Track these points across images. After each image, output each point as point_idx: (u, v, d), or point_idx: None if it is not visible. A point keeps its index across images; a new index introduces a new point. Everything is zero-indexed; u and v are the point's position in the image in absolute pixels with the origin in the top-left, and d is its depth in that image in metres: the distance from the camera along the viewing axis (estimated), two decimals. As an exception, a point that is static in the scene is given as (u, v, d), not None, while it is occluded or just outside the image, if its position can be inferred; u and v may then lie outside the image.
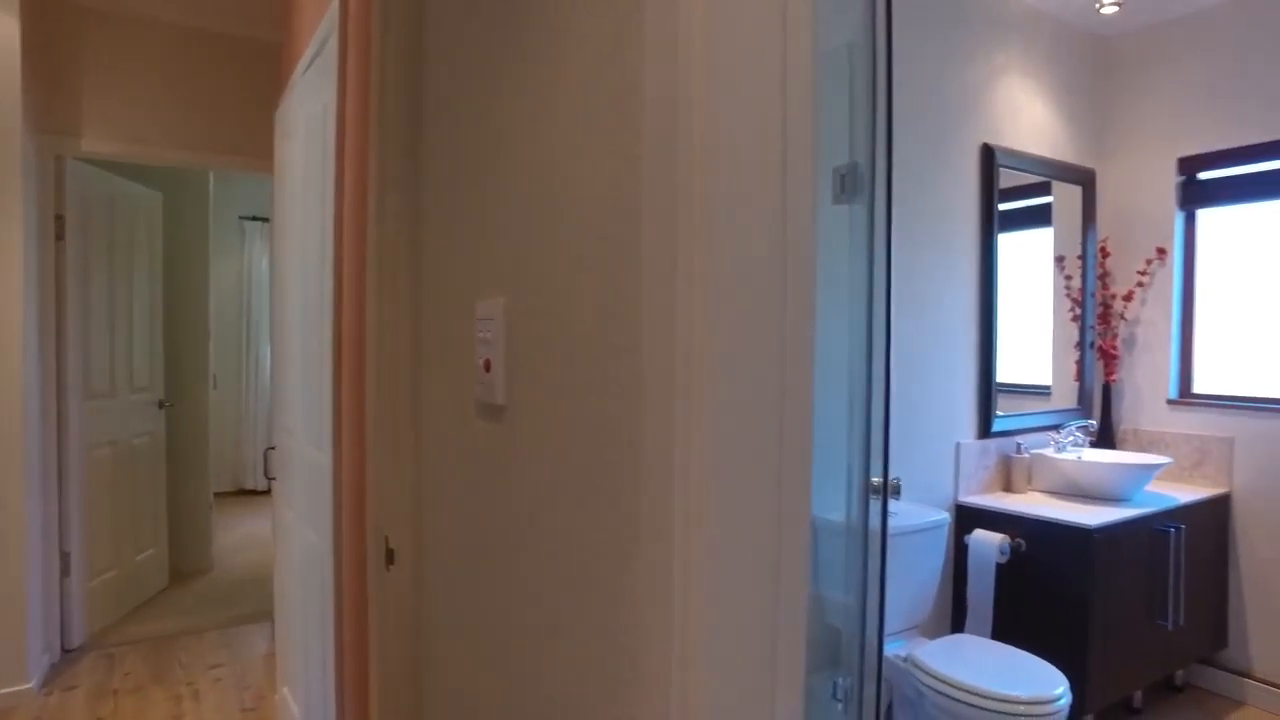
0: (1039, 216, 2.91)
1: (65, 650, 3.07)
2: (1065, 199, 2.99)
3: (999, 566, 2.47)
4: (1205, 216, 2.97)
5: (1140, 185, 3.07)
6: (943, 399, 2.62)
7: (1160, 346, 3.02)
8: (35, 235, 2.80)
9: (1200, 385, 2.97)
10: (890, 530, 2.23)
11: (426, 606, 1.38)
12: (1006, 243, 2.79)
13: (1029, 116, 2.86)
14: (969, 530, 2.56)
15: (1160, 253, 3.01)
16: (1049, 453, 2.78)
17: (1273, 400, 2.74)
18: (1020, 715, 1.86)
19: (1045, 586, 2.41)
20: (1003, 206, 2.76)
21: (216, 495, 5.38)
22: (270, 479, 2.49)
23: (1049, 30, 2.91)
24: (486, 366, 1.05)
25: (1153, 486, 2.85)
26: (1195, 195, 2.96)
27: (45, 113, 2.91)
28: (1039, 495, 2.72)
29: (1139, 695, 2.66)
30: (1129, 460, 2.72)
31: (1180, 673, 2.83)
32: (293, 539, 2.16)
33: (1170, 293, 2.99)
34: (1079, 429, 2.88)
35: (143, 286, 3.62)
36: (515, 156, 1.00)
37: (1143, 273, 3.06)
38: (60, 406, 2.99)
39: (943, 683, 1.96)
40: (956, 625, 2.62)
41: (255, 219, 6.07)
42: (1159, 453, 2.98)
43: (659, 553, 0.67)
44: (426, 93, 1.37)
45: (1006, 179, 2.77)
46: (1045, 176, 2.91)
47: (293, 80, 2.24)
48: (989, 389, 2.73)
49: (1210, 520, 2.74)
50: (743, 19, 0.65)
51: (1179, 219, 2.99)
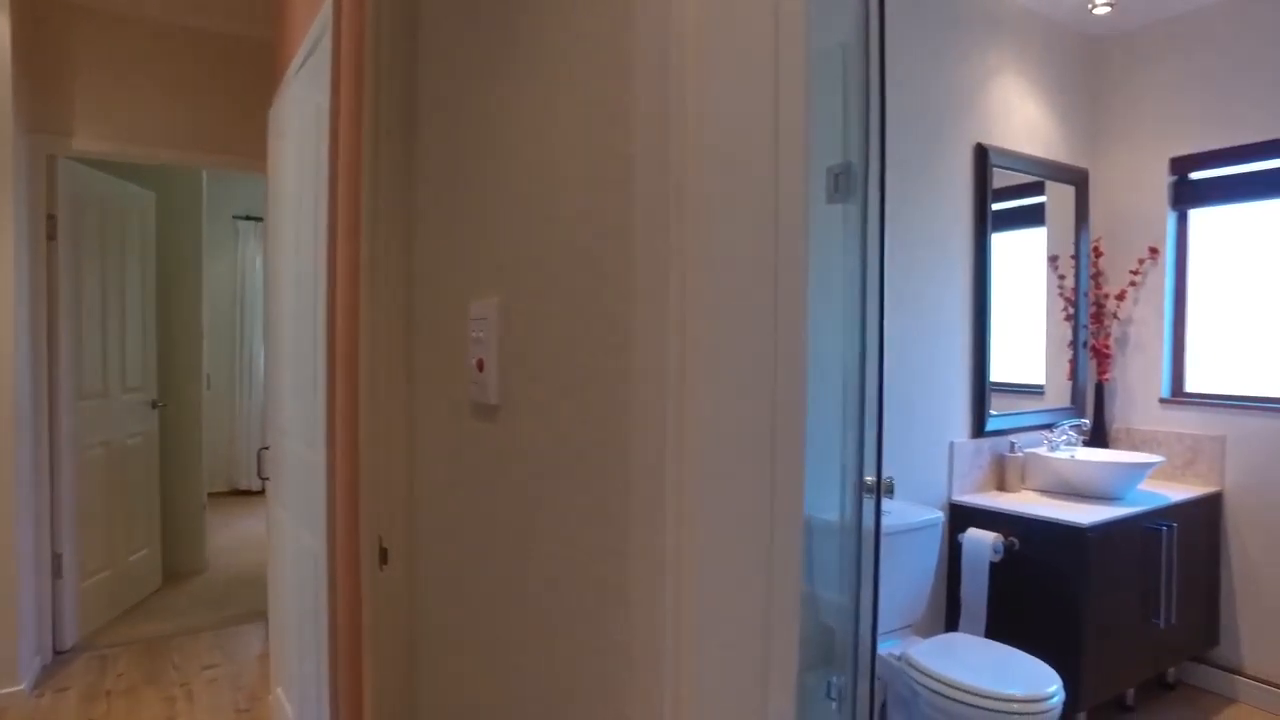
0: (1032, 216, 2.92)
1: (57, 652, 3.06)
2: (1058, 199, 3.00)
3: (992, 565, 2.48)
4: (1197, 216, 2.99)
5: (1133, 185, 3.09)
6: (937, 398, 2.63)
7: (1153, 346, 3.04)
8: (27, 235, 2.79)
9: (1192, 384, 2.99)
10: (884, 529, 2.23)
11: (420, 606, 1.38)
12: (1000, 242, 2.80)
13: (1022, 116, 2.86)
14: (963, 529, 2.57)
15: (1153, 252, 3.02)
16: (1042, 452, 2.79)
17: (1264, 399, 2.76)
18: (1014, 713, 1.87)
19: (1038, 585, 2.42)
20: (996, 206, 2.77)
21: (210, 495, 5.36)
22: (264, 479, 2.48)
23: (1042, 30, 2.92)
24: (480, 366, 1.05)
25: (1145, 485, 2.86)
26: (1187, 195, 2.97)
27: (37, 112, 2.89)
28: (1032, 494, 2.73)
29: (1131, 693, 2.67)
30: (1122, 459, 2.73)
31: (1172, 670, 2.84)
32: (286, 539, 2.15)
33: (1162, 292, 3.00)
34: (1072, 428, 2.89)
35: (135, 286, 3.61)
36: (508, 156, 1.00)
37: (1135, 272, 3.07)
38: (52, 406, 2.98)
39: (936, 681, 1.97)
40: (950, 624, 2.63)
41: (249, 218, 6.05)
42: (1151, 451, 3.00)
43: (651, 552, 0.67)
44: (420, 92, 1.36)
45: (1000, 179, 2.78)
46: (1038, 176, 2.92)
47: (286, 79, 2.23)
48: (983, 388, 2.73)
49: (1202, 519, 2.75)
50: (735, 19, 0.66)
51: (1171, 219, 3.00)
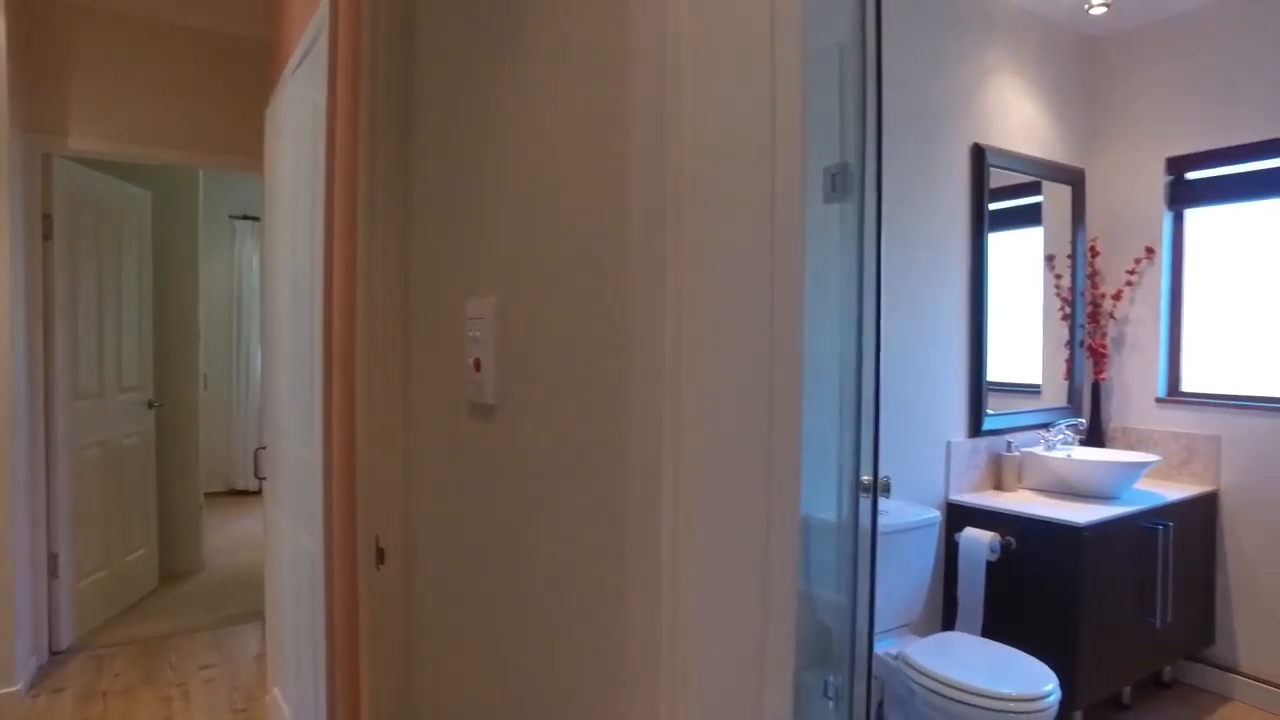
0: (1029, 216, 2.92)
1: (53, 652, 3.05)
2: (1055, 198, 3.01)
3: (989, 564, 2.48)
4: (1193, 216, 2.99)
5: (1129, 185, 3.09)
6: (934, 398, 2.63)
7: (1149, 345, 3.04)
8: (23, 235, 2.78)
9: (1188, 384, 2.99)
10: (881, 529, 2.23)
11: (417, 606, 1.38)
12: (997, 242, 2.80)
13: (1019, 116, 2.87)
14: (959, 528, 2.57)
15: (1149, 252, 3.03)
16: (1039, 451, 2.79)
17: (1259, 398, 2.77)
18: (1010, 712, 1.87)
19: (1035, 584, 2.42)
20: (993, 206, 2.78)
21: (207, 495, 5.35)
22: (261, 479, 2.48)
23: (1038, 30, 2.92)
24: (477, 366, 1.05)
25: (1141, 484, 2.87)
26: (1183, 195, 2.98)
27: (32, 111, 2.88)
28: (1029, 493, 2.73)
29: (1128, 691, 2.68)
30: (1118, 458, 2.74)
31: (1168, 669, 2.85)
32: (283, 539, 2.15)
33: (1159, 292, 3.01)
34: (1069, 427, 2.89)
35: (132, 286, 3.60)
36: (505, 156, 1.00)
37: (1131, 272, 3.08)
38: (48, 406, 2.97)
39: (933, 680, 1.97)
40: (947, 623, 2.64)
41: (246, 218, 6.04)
42: (1147, 451, 3.00)
43: (647, 552, 0.67)
44: (417, 92, 1.36)
45: (997, 178, 2.79)
46: (1035, 176, 2.92)
47: (283, 78, 2.23)
48: (979, 388, 2.74)
49: (1198, 518, 2.76)
50: (731, 19, 0.66)
51: (1167, 218, 3.01)
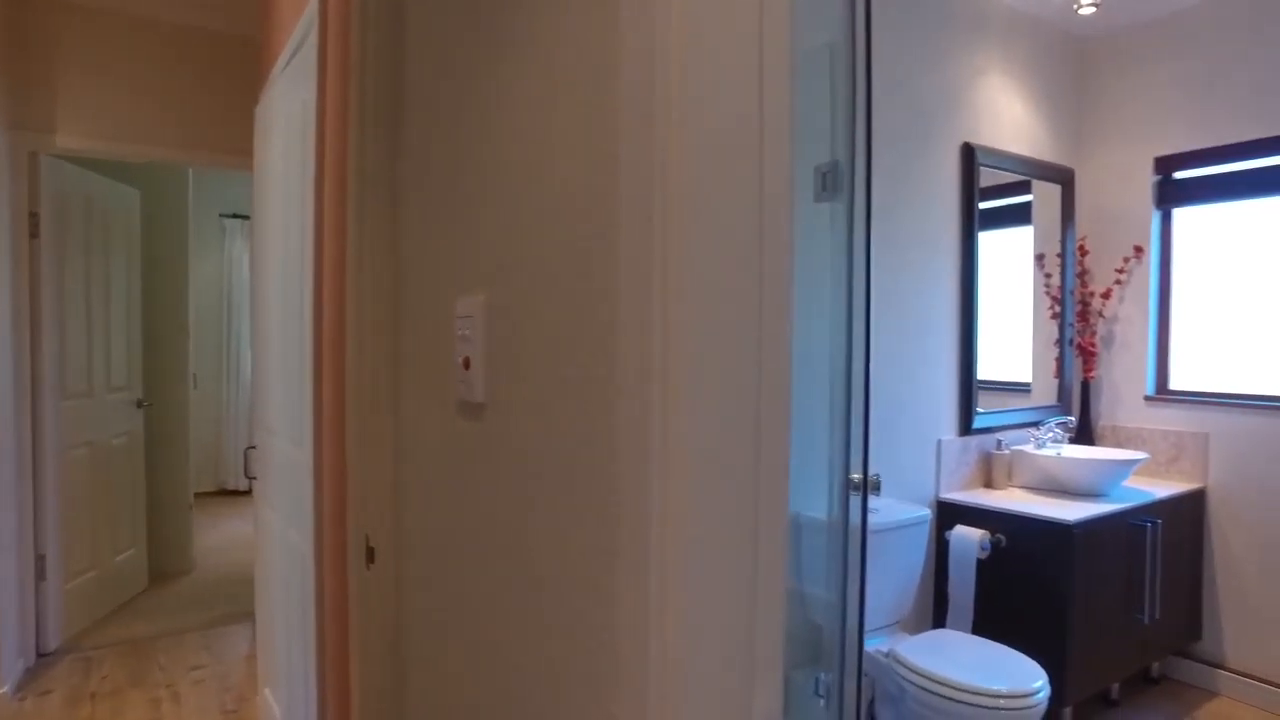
0: (1019, 215, 2.94)
1: (41, 654, 3.03)
2: (1045, 198, 3.02)
3: (979, 562, 2.49)
4: (1181, 215, 3.01)
5: (1118, 184, 3.11)
6: (924, 396, 2.64)
7: (1138, 344, 3.06)
8: (9, 233, 2.76)
9: (1176, 382, 3.01)
10: (872, 527, 2.24)
11: (407, 605, 1.37)
12: (987, 241, 2.81)
13: (1009, 116, 2.88)
14: (950, 526, 2.58)
15: (1137, 251, 3.05)
16: (1029, 449, 2.81)
17: (1247, 396, 2.79)
18: (1000, 709, 1.88)
19: (1025, 581, 2.43)
20: (983, 205, 2.79)
21: (197, 495, 5.31)
22: (251, 478, 2.46)
23: (1028, 31, 2.93)
24: (466, 364, 1.04)
25: (1130, 482, 2.89)
26: (1171, 194, 3.00)
27: (18, 108, 2.86)
28: (1019, 491, 2.74)
29: (1116, 687, 2.70)
30: (1107, 456, 2.76)
31: (1156, 665, 2.87)
32: (274, 538, 2.14)
33: (1147, 291, 3.03)
34: (1058, 425, 2.91)
35: (120, 285, 3.58)
36: (495, 154, 1.00)
37: (1120, 271, 3.10)
38: (35, 406, 2.95)
39: (924, 677, 1.98)
40: (938, 620, 2.65)
41: (236, 216, 6.00)
42: (1137, 448, 3.02)
43: (635, 551, 0.67)
44: (407, 90, 1.36)
45: (987, 177, 2.80)
46: (1025, 175, 2.94)
47: (272, 76, 2.21)
48: (970, 386, 2.75)
49: (1186, 515, 2.78)
50: (719, 18, 0.66)
51: (1156, 218, 3.03)
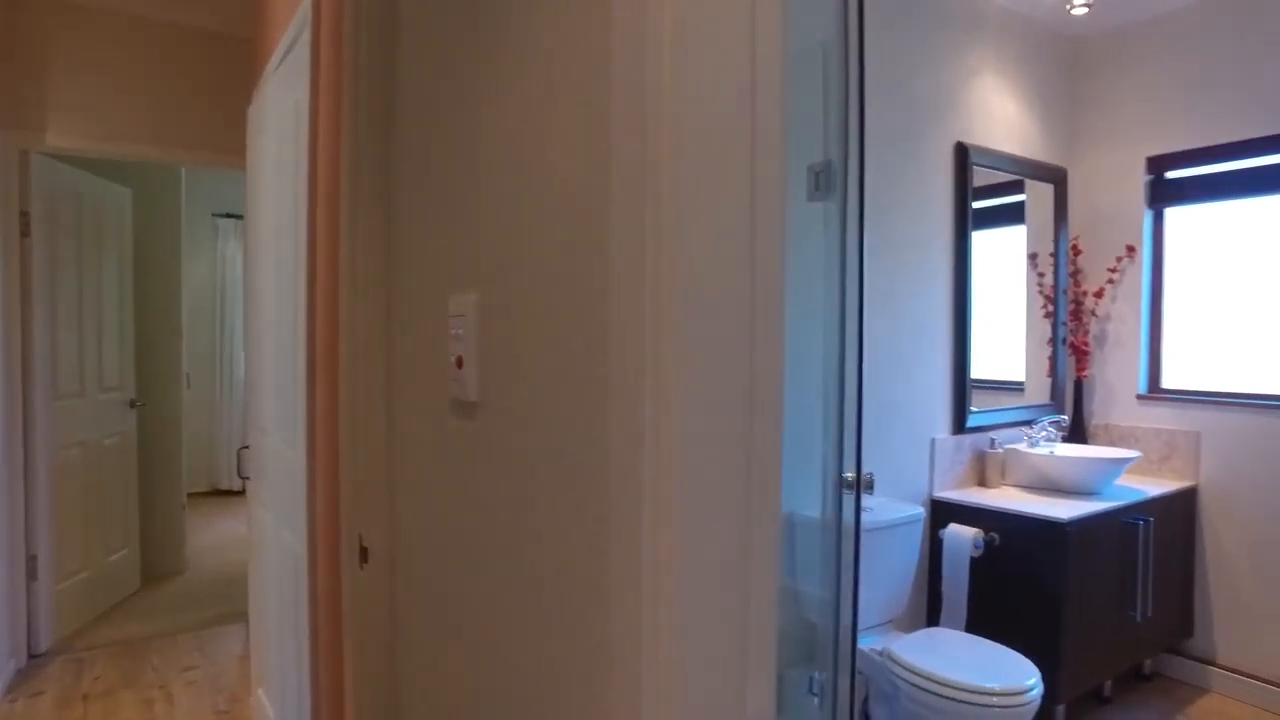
0: (1012, 214, 2.95)
1: (32, 655, 3.02)
2: (1038, 197, 3.04)
3: (973, 560, 2.50)
4: (1173, 215, 3.03)
5: (1110, 184, 3.12)
6: (918, 395, 2.65)
7: (1130, 342, 3.08)
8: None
9: (1168, 381, 3.03)
10: (866, 526, 2.25)
11: (401, 605, 1.37)
12: (980, 240, 2.82)
13: (1002, 115, 2.89)
14: (944, 525, 2.59)
15: (1130, 250, 3.06)
16: (1022, 448, 2.82)
17: (1238, 395, 2.80)
18: (993, 706, 1.89)
19: (1018, 579, 2.44)
20: (976, 204, 2.80)
21: (190, 495, 5.30)
22: (244, 478, 2.46)
23: (1021, 31, 2.94)
24: (459, 363, 1.04)
25: (1123, 480, 2.90)
26: (1163, 194, 3.01)
27: (8, 106, 2.84)
28: (1012, 490, 2.75)
29: (1109, 684, 2.71)
30: (1100, 455, 2.77)
31: (1148, 662, 2.89)
32: (267, 538, 2.13)
33: (1139, 290, 3.04)
34: (1051, 424, 2.92)
35: (113, 284, 3.56)
36: (487, 154, 1.00)
37: (1113, 270, 3.11)
38: (26, 406, 2.93)
39: (917, 675, 1.99)
40: (932, 619, 2.66)
41: (229, 216, 5.98)
42: (1129, 447, 3.04)
43: (628, 550, 0.67)
44: (399, 89, 1.36)
45: (980, 177, 2.81)
46: (1018, 175, 2.94)
47: (265, 75, 2.21)
48: (963, 385, 2.76)
49: (1178, 513, 2.80)
50: (711, 17, 0.66)
51: (1148, 217, 3.04)
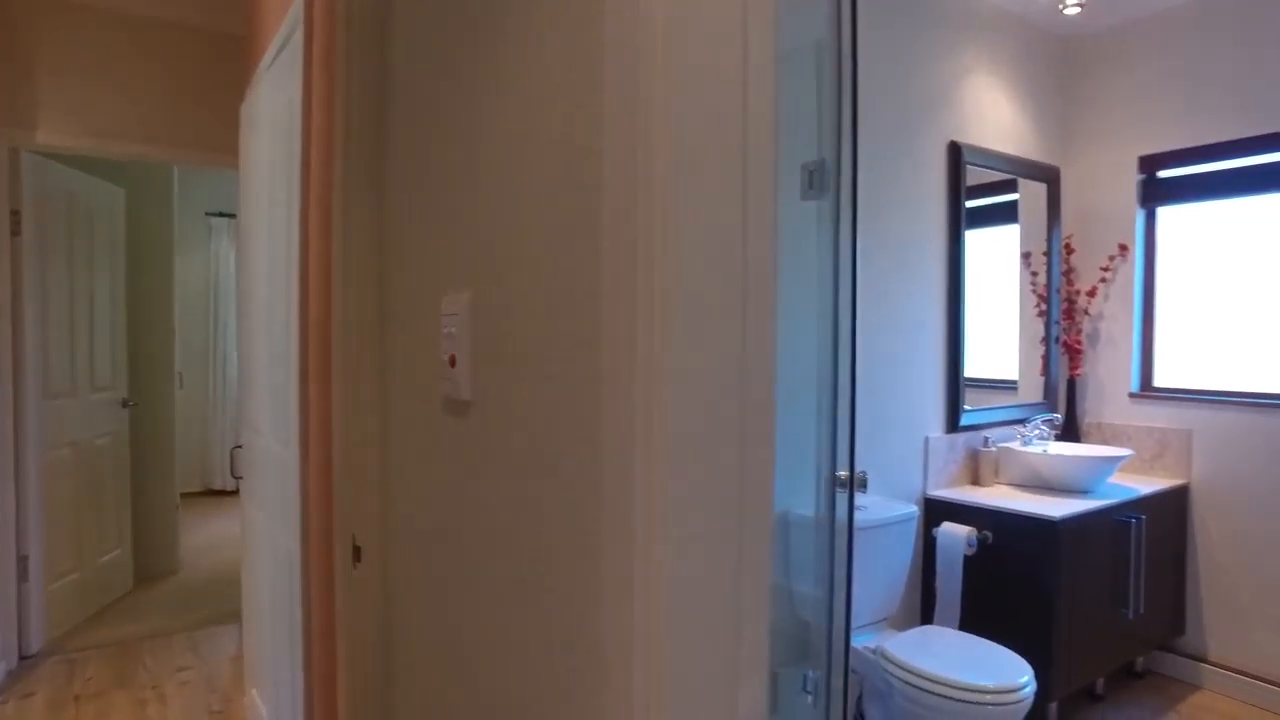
0: (1005, 213, 2.95)
1: (23, 657, 3.00)
2: (1031, 196, 3.04)
3: (966, 559, 2.51)
4: (1165, 214, 3.04)
5: (1103, 183, 3.14)
6: (912, 394, 2.65)
7: (1122, 341, 3.09)
8: (-10, 230, 2.73)
9: (1161, 379, 3.04)
10: (861, 524, 2.25)
11: (394, 604, 1.37)
12: (973, 239, 2.83)
13: (995, 115, 2.90)
14: (937, 523, 2.60)
15: (1122, 249, 3.07)
16: (1015, 446, 2.83)
17: (1230, 393, 2.82)
18: (986, 704, 1.89)
19: (1011, 578, 2.45)
20: (970, 203, 2.80)
21: (184, 495, 5.29)
22: (238, 478, 2.45)
23: (1014, 30, 2.95)
24: (452, 362, 1.04)
25: (1115, 478, 2.91)
26: (1155, 193, 3.03)
27: None
28: (1006, 488, 2.76)
29: (1101, 682, 2.72)
30: (1092, 453, 2.78)
31: (1140, 659, 2.90)
32: (260, 538, 2.13)
33: (1132, 289, 3.06)
34: (1044, 422, 2.93)
35: (104, 283, 3.54)
36: (480, 152, 1.00)
37: (1105, 269, 3.12)
38: (17, 406, 2.91)
39: (911, 674, 1.99)
40: (925, 617, 2.66)
41: (222, 215, 5.96)
42: (1122, 445, 3.05)
43: (620, 550, 0.67)
44: (392, 88, 1.35)
45: (973, 176, 2.81)
46: (1011, 174, 2.95)
47: (258, 73, 2.20)
48: (957, 384, 2.77)
49: (1169, 511, 2.81)
50: (703, 15, 0.66)
51: (1140, 216, 3.05)
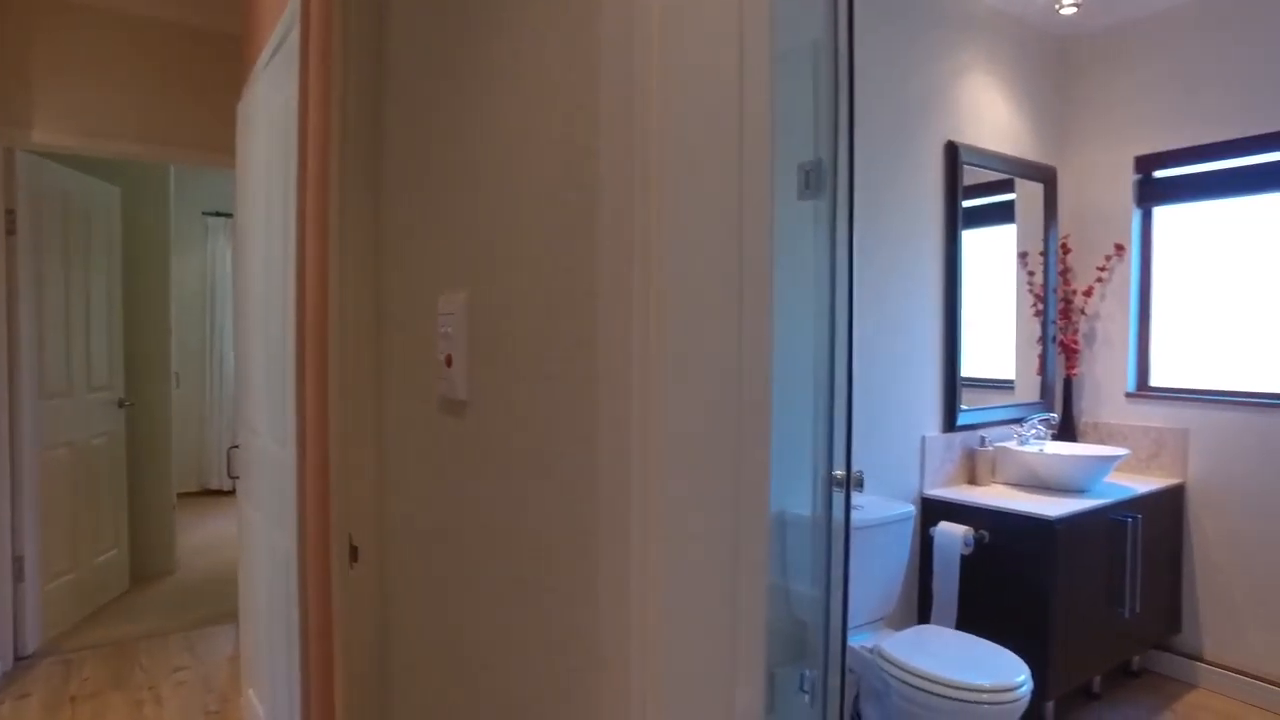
0: (1002, 213, 2.96)
1: (19, 657, 2.99)
2: (1027, 196, 3.05)
3: (963, 558, 2.51)
4: (1161, 214, 3.05)
5: (1099, 183, 3.14)
6: (908, 393, 2.65)
7: (1119, 341, 3.10)
8: (-14, 230, 2.72)
9: (1157, 379, 3.05)
10: (857, 524, 2.25)
11: (391, 604, 1.37)
12: (970, 239, 2.83)
13: (992, 115, 2.90)
14: (934, 523, 2.60)
15: (1119, 249, 3.08)
16: (1012, 446, 2.83)
17: (1226, 393, 2.82)
18: (983, 703, 1.90)
19: (1008, 577, 2.46)
20: (966, 203, 2.81)
21: (180, 495, 5.27)
22: (234, 478, 2.44)
23: (1011, 30, 2.96)
24: (448, 361, 1.04)
25: (1111, 478, 2.92)
26: (1152, 193, 3.03)
27: (-4, 103, 2.82)
28: (1002, 487, 2.77)
29: (1098, 680, 2.72)
30: (1089, 453, 2.78)
31: (1137, 658, 2.91)
32: (257, 538, 2.12)
33: (1128, 288, 3.06)
34: (1041, 422, 2.94)
35: (101, 283, 3.53)
36: (478, 151, 0.99)
37: (1102, 269, 3.13)
38: (13, 406, 2.91)
39: (908, 673, 2.00)
40: (922, 616, 2.67)
41: (218, 214, 5.95)
42: (1118, 444, 3.06)
43: (616, 550, 0.67)
44: (389, 86, 1.35)
45: (970, 176, 2.82)
46: (1008, 174, 2.96)
47: (255, 73, 2.19)
48: (953, 383, 2.77)
49: (1166, 510, 2.82)
50: (699, 14, 0.66)
51: (1136, 216, 3.06)
